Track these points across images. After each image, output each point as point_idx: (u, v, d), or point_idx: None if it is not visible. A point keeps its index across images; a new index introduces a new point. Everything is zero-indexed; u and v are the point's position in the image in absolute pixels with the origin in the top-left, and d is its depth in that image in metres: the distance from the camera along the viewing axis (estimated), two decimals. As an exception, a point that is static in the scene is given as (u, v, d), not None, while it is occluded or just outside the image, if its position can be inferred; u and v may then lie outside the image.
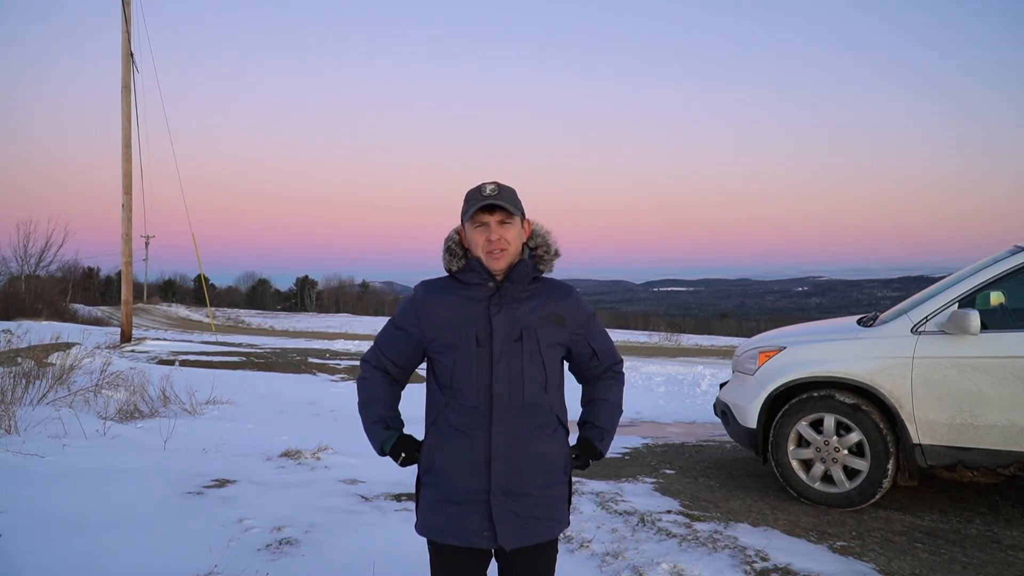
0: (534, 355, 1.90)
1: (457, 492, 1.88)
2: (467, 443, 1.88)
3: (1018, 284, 4.23)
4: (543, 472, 1.91)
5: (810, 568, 3.38)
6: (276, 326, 41.19)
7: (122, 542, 3.36)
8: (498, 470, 1.86)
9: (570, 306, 1.99)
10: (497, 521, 1.85)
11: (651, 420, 8.22)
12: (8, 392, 6.22)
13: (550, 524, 1.93)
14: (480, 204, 1.88)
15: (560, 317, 1.96)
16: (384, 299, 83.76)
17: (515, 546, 1.88)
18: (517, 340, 1.89)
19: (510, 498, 1.86)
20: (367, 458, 5.29)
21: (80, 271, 60.63)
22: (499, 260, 1.89)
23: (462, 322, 1.90)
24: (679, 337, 33.89)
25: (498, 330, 1.88)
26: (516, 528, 1.87)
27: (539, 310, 1.94)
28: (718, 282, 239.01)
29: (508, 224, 1.90)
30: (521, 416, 1.89)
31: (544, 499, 1.91)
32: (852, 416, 4.31)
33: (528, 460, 1.89)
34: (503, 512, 1.86)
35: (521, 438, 1.88)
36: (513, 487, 1.87)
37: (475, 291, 1.93)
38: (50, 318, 24.83)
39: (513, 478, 1.87)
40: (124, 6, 15.97)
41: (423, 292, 1.98)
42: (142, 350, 14.49)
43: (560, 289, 2.01)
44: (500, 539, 1.86)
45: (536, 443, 1.91)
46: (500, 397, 1.87)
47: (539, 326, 1.92)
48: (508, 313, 1.90)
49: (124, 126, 16.08)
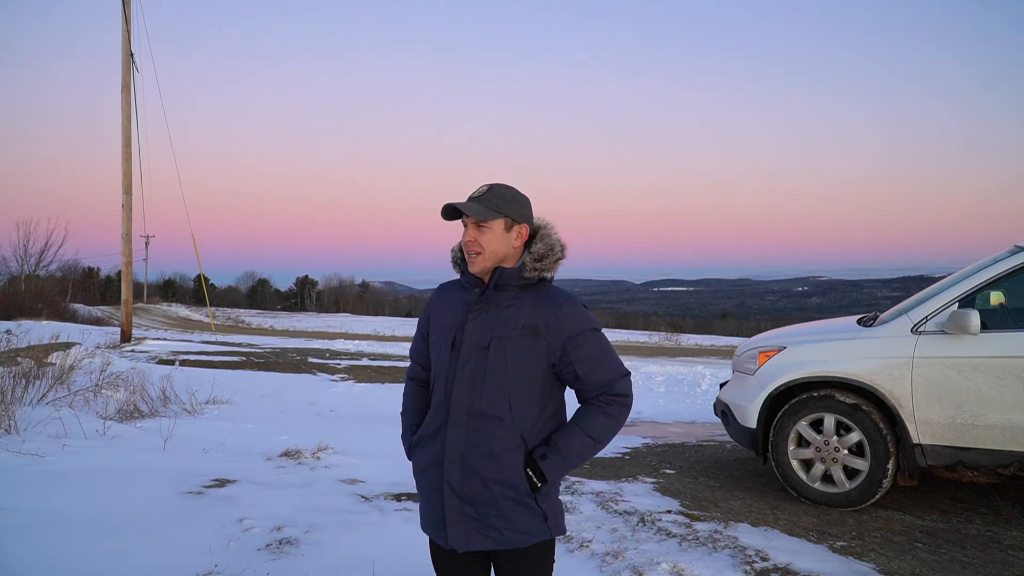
0: (499, 366, 1.84)
1: (425, 487, 1.95)
2: (431, 441, 1.93)
3: (1018, 284, 4.23)
4: (496, 483, 1.84)
5: (810, 568, 3.38)
6: (276, 326, 41.21)
7: (122, 542, 3.36)
8: (449, 471, 1.88)
9: (553, 318, 1.84)
10: (448, 522, 1.88)
11: (651, 420, 8.21)
12: (8, 392, 6.22)
13: (511, 535, 1.85)
14: (444, 208, 1.89)
15: (536, 330, 1.84)
16: (384, 299, 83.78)
17: (467, 549, 1.88)
18: (484, 349, 1.86)
19: (464, 502, 1.87)
20: (367, 458, 5.29)
21: (80, 271, 60.65)
22: (473, 263, 1.89)
23: (448, 324, 1.94)
24: (679, 337, 33.91)
25: (469, 336, 1.88)
26: (469, 531, 1.86)
27: (515, 320, 1.86)
28: (718, 282, 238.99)
29: (484, 227, 1.86)
30: (477, 424, 1.86)
31: (501, 509, 1.84)
32: (852, 416, 4.31)
33: (480, 469, 1.85)
34: (455, 513, 1.87)
35: (475, 446, 1.85)
36: (466, 491, 1.86)
37: (464, 294, 1.96)
38: (50, 318, 24.84)
39: (465, 482, 1.86)
40: (124, 6, 15.97)
41: (435, 294, 2.07)
42: (142, 350, 14.49)
43: (549, 299, 1.88)
44: (450, 540, 1.88)
45: (491, 454, 1.84)
46: (457, 403, 1.87)
47: (510, 337, 1.84)
48: (484, 320, 1.88)
49: (124, 126, 16.08)
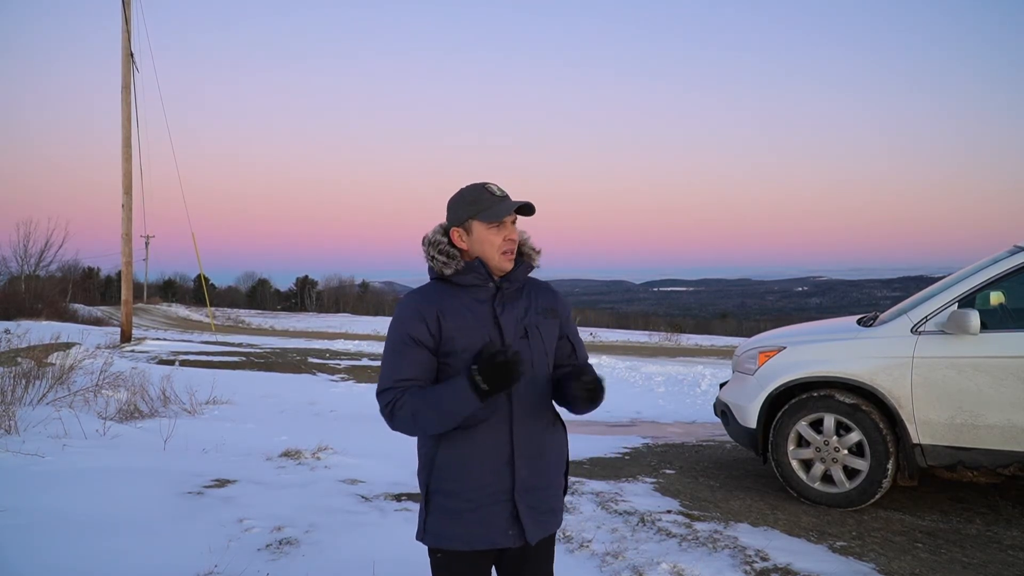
0: (540, 351, 1.93)
1: (479, 496, 1.84)
2: (484, 445, 1.85)
3: (1018, 284, 4.23)
4: (555, 466, 1.97)
5: (810, 568, 3.38)
6: (276, 326, 41.19)
7: (122, 542, 3.36)
8: (520, 468, 1.87)
9: (558, 300, 2.04)
10: (523, 518, 1.88)
11: (651, 420, 8.22)
12: (8, 392, 6.23)
13: (558, 515, 1.99)
14: (518, 204, 1.86)
15: (553, 311, 2.00)
16: (384, 299, 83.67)
17: (538, 539, 1.91)
18: (523, 338, 1.91)
19: (530, 494, 1.89)
20: (367, 458, 5.29)
21: (80, 271, 60.63)
22: (510, 261, 1.91)
23: (474, 324, 1.85)
24: (679, 337, 33.90)
25: (507, 329, 1.89)
26: (537, 522, 1.91)
27: (535, 306, 1.96)
28: (718, 282, 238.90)
29: (514, 225, 1.94)
30: (534, 412, 1.92)
31: (553, 491, 1.97)
32: (852, 416, 4.31)
33: (543, 456, 1.94)
34: (526, 508, 1.88)
35: (537, 434, 1.92)
36: (531, 482, 1.90)
37: (476, 292, 1.89)
38: (50, 318, 24.82)
39: (531, 474, 1.90)
40: (124, 6, 15.97)
41: (421, 299, 1.87)
42: (142, 350, 14.50)
43: (544, 285, 2.06)
44: (528, 535, 1.88)
45: (548, 438, 1.96)
46: (517, 396, 1.87)
47: (540, 322, 1.95)
48: (511, 312, 1.92)
49: (124, 126, 16.09)
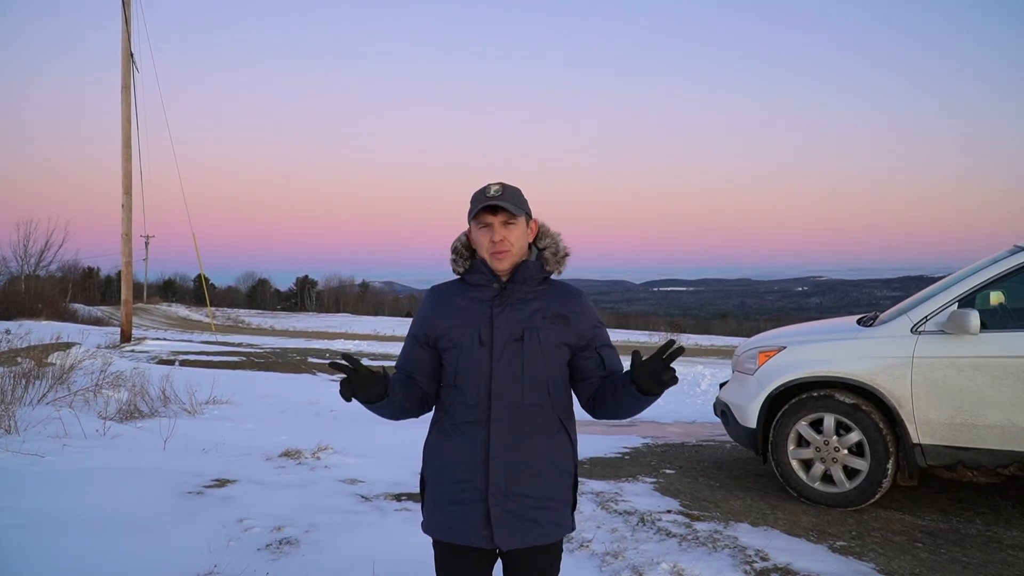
0: (536, 355, 1.90)
1: (458, 490, 1.89)
2: (467, 441, 1.89)
3: (1018, 284, 4.23)
4: (542, 474, 1.90)
5: (810, 568, 3.38)
6: (276, 326, 41.22)
7: (122, 542, 3.36)
8: (495, 469, 1.86)
9: (577, 309, 1.97)
10: (494, 520, 1.85)
11: (651, 420, 8.22)
12: (8, 392, 6.23)
13: (551, 528, 1.91)
14: (483, 205, 1.89)
15: (565, 318, 1.94)
16: (384, 299, 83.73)
17: (512, 547, 1.87)
18: (518, 340, 1.90)
19: (508, 498, 1.86)
20: (367, 458, 5.29)
21: (80, 271, 60.62)
22: (502, 260, 1.91)
23: (464, 322, 1.92)
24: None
25: (499, 329, 1.89)
26: (514, 529, 1.86)
27: (544, 311, 1.93)
28: (718, 282, 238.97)
29: (512, 225, 1.91)
30: (520, 416, 1.88)
31: (543, 502, 1.90)
32: (852, 416, 4.31)
33: (526, 461, 1.88)
34: (500, 512, 1.85)
35: (520, 438, 1.88)
36: (511, 487, 1.86)
37: (480, 292, 1.95)
38: (50, 318, 24.83)
39: (511, 478, 1.86)
40: (124, 6, 15.98)
41: (432, 299, 2.01)
42: (142, 350, 14.50)
43: (569, 292, 2.00)
44: (496, 539, 1.85)
45: (536, 444, 1.89)
46: (498, 396, 1.87)
47: (542, 327, 1.91)
48: (511, 313, 1.91)
49: (124, 126, 16.09)
